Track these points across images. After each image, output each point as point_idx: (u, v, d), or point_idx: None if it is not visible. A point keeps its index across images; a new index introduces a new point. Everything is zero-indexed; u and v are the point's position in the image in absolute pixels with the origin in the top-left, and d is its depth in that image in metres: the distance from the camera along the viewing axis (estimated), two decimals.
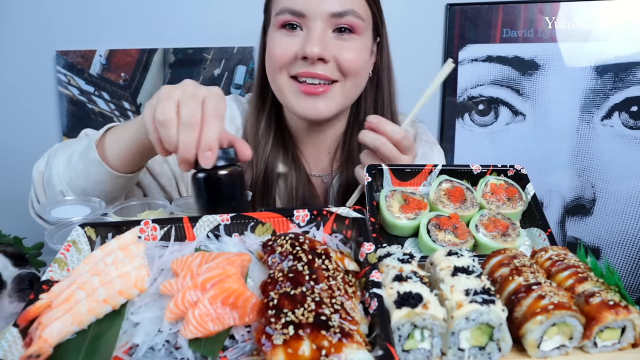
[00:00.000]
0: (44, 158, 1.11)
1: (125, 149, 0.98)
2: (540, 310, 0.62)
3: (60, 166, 1.05)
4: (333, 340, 0.56)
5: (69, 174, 1.03)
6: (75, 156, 1.03)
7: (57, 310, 0.62)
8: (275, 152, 1.25)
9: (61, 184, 1.03)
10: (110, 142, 1.00)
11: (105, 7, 1.86)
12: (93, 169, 1.00)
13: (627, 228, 1.97)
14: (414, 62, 1.97)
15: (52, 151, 1.10)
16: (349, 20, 1.10)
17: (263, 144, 1.24)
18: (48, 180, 1.07)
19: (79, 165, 1.01)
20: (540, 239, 0.89)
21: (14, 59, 1.88)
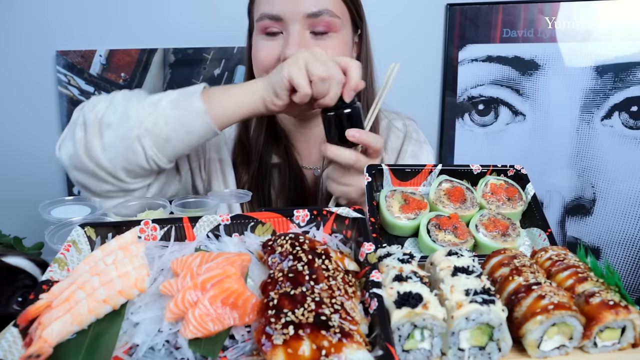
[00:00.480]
0: (102, 102, 1.03)
1: (234, 109, 1.01)
2: (540, 310, 0.62)
3: (141, 109, 0.99)
4: (333, 340, 0.56)
5: (153, 119, 0.98)
6: (165, 104, 0.99)
7: (57, 310, 0.62)
8: (269, 145, 1.31)
9: (140, 128, 0.98)
10: (216, 99, 1.01)
11: (105, 7, 1.86)
12: (192, 118, 0.98)
13: (627, 228, 1.97)
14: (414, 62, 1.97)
15: (116, 98, 1.04)
16: (325, 20, 1.14)
17: (256, 137, 1.30)
18: (117, 123, 0.99)
19: (171, 113, 0.98)
20: (540, 239, 0.89)
21: (14, 59, 1.88)
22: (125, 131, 0.98)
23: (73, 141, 1.01)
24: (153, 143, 0.99)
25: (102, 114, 1.01)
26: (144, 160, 1.00)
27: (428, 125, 2.03)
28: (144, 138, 0.98)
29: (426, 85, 1.99)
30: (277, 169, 1.31)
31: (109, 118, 1.00)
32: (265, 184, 1.29)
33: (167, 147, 1.00)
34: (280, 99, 0.99)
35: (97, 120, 1.00)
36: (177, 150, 1.02)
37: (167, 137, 0.99)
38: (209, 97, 1.00)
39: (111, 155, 0.99)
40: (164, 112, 0.99)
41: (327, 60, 0.97)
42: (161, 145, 1.00)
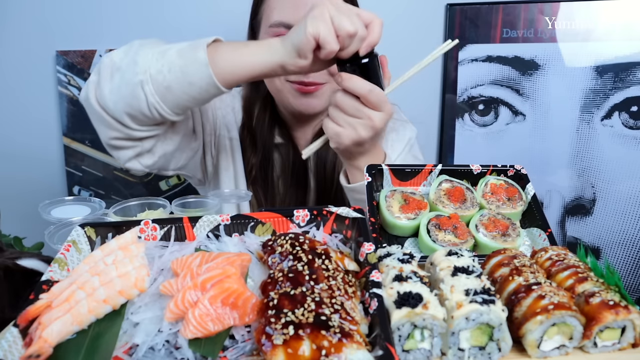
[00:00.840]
0: (122, 48, 1.04)
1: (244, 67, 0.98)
2: (540, 310, 0.62)
3: (149, 56, 0.99)
4: (333, 340, 0.56)
5: (158, 66, 0.97)
6: (172, 52, 0.98)
7: (57, 310, 0.62)
8: (272, 130, 1.36)
9: (145, 74, 0.97)
10: (223, 50, 0.98)
11: (105, 7, 1.85)
12: (194, 68, 0.96)
13: (627, 228, 1.97)
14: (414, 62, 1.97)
15: (134, 45, 1.04)
16: None
17: (261, 125, 1.36)
18: (125, 67, 0.99)
19: (176, 61, 0.97)
20: (540, 239, 0.89)
21: (14, 59, 1.87)
22: (131, 76, 0.98)
23: (88, 85, 1.03)
24: (155, 90, 0.97)
25: (117, 59, 1.01)
26: (145, 107, 0.99)
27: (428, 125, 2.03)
28: (146, 84, 0.97)
29: (426, 85, 1.99)
30: (279, 152, 1.37)
31: (120, 62, 1.00)
32: (268, 167, 1.35)
33: (168, 96, 0.98)
34: (305, 58, 0.94)
35: (111, 64, 1.01)
36: (179, 100, 1.00)
37: (169, 85, 0.97)
38: (216, 50, 0.97)
39: (116, 98, 0.99)
40: (169, 60, 0.97)
41: (352, 13, 0.93)
42: (162, 93, 0.98)
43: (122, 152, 1.09)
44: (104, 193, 1.98)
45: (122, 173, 1.96)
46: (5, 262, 0.93)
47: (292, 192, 1.37)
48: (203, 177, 1.40)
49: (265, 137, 1.35)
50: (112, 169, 1.95)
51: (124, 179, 1.97)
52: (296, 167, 1.37)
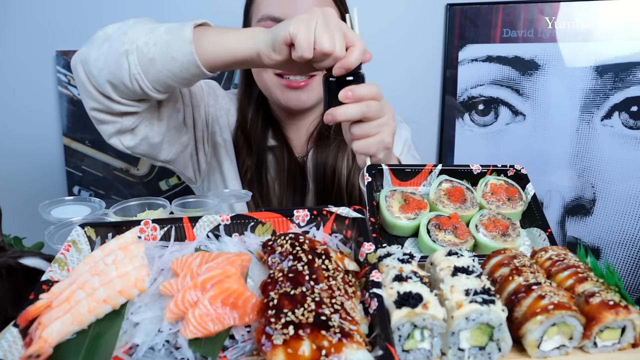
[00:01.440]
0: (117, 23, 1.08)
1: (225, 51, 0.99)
2: (540, 310, 0.62)
3: (140, 30, 1.02)
4: (333, 340, 0.56)
5: (146, 39, 1.00)
6: (162, 28, 1.01)
7: (57, 310, 0.62)
8: (265, 132, 1.37)
9: (131, 44, 0.99)
10: (209, 35, 1.00)
11: (105, 7, 1.85)
12: (178, 44, 0.98)
13: (627, 228, 1.97)
14: (414, 62, 1.97)
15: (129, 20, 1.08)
16: None
17: (254, 125, 1.36)
18: (114, 37, 1.02)
19: (162, 36, 0.99)
20: (540, 239, 0.89)
21: (14, 59, 1.88)
22: (118, 45, 1.00)
23: (79, 52, 1.06)
24: (138, 61, 0.99)
25: (110, 30, 1.04)
26: (127, 77, 1.00)
27: (428, 125, 2.03)
28: (131, 54, 0.99)
29: (426, 85, 1.99)
30: (273, 154, 1.37)
31: (112, 33, 1.03)
32: (263, 169, 1.35)
33: (151, 69, 1.00)
34: (279, 53, 0.94)
35: (103, 35, 1.04)
36: (160, 75, 1.01)
37: (152, 58, 0.99)
38: (203, 31, 1.00)
39: (100, 65, 1.01)
40: (157, 34, 1.00)
41: (337, 32, 0.92)
42: (145, 65, 0.99)
43: (103, 126, 1.11)
44: (104, 193, 1.98)
45: (122, 173, 1.97)
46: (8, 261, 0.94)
47: (289, 194, 1.36)
48: (194, 175, 1.39)
49: (258, 139, 1.36)
50: (112, 169, 1.95)
51: (124, 179, 1.97)
52: (292, 169, 1.37)
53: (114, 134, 1.11)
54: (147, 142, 1.15)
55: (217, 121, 1.39)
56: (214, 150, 1.39)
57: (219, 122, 1.39)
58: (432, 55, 1.96)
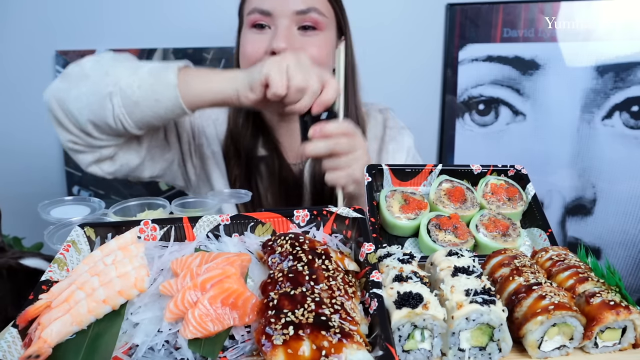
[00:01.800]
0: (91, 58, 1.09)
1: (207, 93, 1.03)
2: (540, 310, 0.62)
3: (121, 70, 1.04)
4: (333, 341, 0.55)
5: (129, 81, 1.02)
6: (144, 70, 1.03)
7: (57, 310, 0.62)
8: (256, 139, 1.35)
9: (115, 86, 1.01)
10: (192, 76, 1.03)
11: (105, 7, 1.85)
12: (162, 88, 1.01)
13: (627, 228, 1.97)
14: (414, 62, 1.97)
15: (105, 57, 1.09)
16: (312, 17, 1.18)
17: (244, 133, 1.34)
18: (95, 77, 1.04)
19: (146, 79, 1.02)
20: (540, 239, 0.89)
21: (14, 58, 1.88)
22: (101, 86, 1.02)
23: (52, 89, 1.06)
24: (122, 103, 1.01)
25: (87, 67, 1.05)
26: (111, 118, 1.02)
27: (428, 126, 2.03)
28: (115, 96, 1.01)
29: (426, 85, 1.99)
30: (265, 163, 1.35)
31: (90, 71, 1.05)
32: (252, 179, 1.33)
33: (135, 111, 1.02)
34: (254, 93, 0.99)
35: (80, 72, 1.05)
36: (144, 116, 1.04)
37: (137, 100, 1.02)
38: (186, 74, 1.03)
39: (81, 106, 1.03)
40: (140, 77, 1.02)
41: (310, 70, 0.99)
42: (130, 107, 1.02)
43: (81, 155, 1.12)
44: (103, 193, 1.98)
45: None
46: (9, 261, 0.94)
47: (282, 203, 1.34)
48: (185, 185, 1.39)
49: (247, 146, 1.33)
50: None
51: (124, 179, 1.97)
52: (284, 177, 1.34)
53: (93, 162, 1.13)
54: (128, 166, 1.17)
55: (203, 132, 1.38)
56: (202, 162, 1.37)
57: (206, 134, 1.38)
58: (432, 55, 1.96)
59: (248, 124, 1.34)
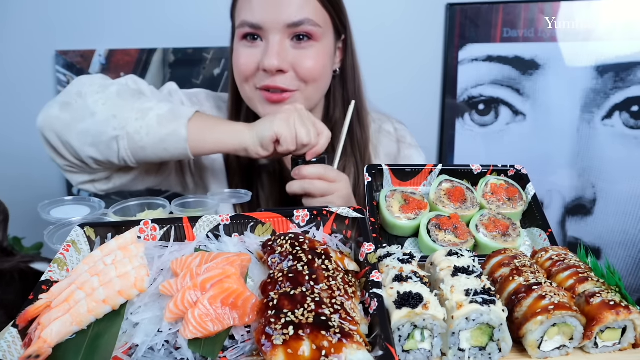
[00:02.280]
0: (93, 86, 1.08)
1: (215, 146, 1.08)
2: (540, 310, 0.62)
3: (128, 112, 1.04)
4: (333, 341, 0.55)
5: (137, 127, 1.03)
6: (153, 115, 1.04)
7: (57, 310, 0.62)
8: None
9: (122, 130, 1.02)
10: (201, 132, 1.06)
11: (105, 7, 1.85)
12: (173, 140, 1.04)
13: (627, 228, 1.97)
14: (414, 62, 1.97)
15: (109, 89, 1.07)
16: (305, 29, 1.15)
17: None
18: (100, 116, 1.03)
19: (155, 128, 1.03)
20: (540, 239, 0.89)
21: (13, 58, 1.88)
22: (108, 129, 1.03)
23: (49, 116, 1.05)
24: (129, 147, 1.04)
25: (90, 103, 1.05)
26: (115, 158, 1.06)
27: (428, 126, 2.03)
28: (122, 140, 1.03)
29: (426, 85, 1.99)
30: (266, 171, 1.34)
31: (95, 108, 1.04)
32: (254, 186, 1.31)
33: (141, 154, 1.06)
34: (266, 150, 1.06)
35: (83, 107, 1.05)
36: (149, 159, 1.08)
37: (144, 146, 1.04)
38: (195, 127, 1.05)
39: (84, 141, 1.04)
40: (149, 124, 1.03)
41: (310, 123, 1.07)
42: (136, 151, 1.05)
43: (75, 176, 1.14)
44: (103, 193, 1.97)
45: None
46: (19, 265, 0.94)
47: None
48: (183, 192, 1.39)
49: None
50: None
51: None
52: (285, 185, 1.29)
53: (87, 182, 1.15)
54: (122, 185, 1.20)
55: None
56: (200, 172, 1.36)
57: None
58: (432, 55, 1.96)
59: None
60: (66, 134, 1.04)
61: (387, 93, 1.80)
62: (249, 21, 1.14)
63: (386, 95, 1.58)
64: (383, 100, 1.49)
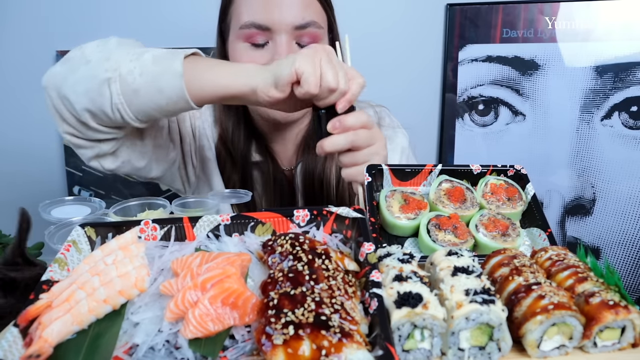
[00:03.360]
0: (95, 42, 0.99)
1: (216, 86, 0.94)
2: (540, 310, 0.62)
3: (123, 55, 0.94)
4: (333, 340, 0.56)
5: (130, 67, 0.93)
6: (148, 56, 0.94)
7: (58, 310, 0.62)
8: (248, 145, 1.29)
9: (114, 72, 0.92)
10: (201, 68, 0.95)
11: (104, 7, 1.86)
12: (167, 77, 0.92)
13: (627, 228, 1.97)
14: (414, 62, 1.97)
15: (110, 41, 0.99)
16: (310, 32, 1.13)
17: (236, 139, 1.29)
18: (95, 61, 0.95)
19: (149, 66, 0.93)
20: (540, 239, 0.89)
21: (13, 58, 1.88)
22: (100, 71, 0.93)
23: (51, 73, 0.98)
24: (121, 90, 0.93)
25: (88, 51, 0.97)
26: (108, 106, 0.94)
27: (428, 126, 2.03)
28: (114, 82, 0.92)
29: (426, 85, 1.99)
30: (259, 169, 1.31)
31: (91, 55, 0.96)
32: (248, 184, 1.29)
33: (135, 100, 0.94)
34: (280, 91, 0.91)
35: (81, 56, 0.97)
36: (145, 107, 0.95)
37: (137, 88, 0.93)
38: (194, 64, 0.94)
39: (79, 91, 0.94)
40: (143, 63, 0.93)
41: (340, 68, 0.92)
42: (129, 95, 0.93)
43: (81, 150, 1.05)
44: (104, 193, 1.98)
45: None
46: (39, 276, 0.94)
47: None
48: (183, 187, 1.35)
49: (242, 153, 1.28)
50: None
51: (124, 179, 1.97)
52: (278, 183, 1.30)
53: (92, 157, 1.05)
54: (130, 164, 1.10)
55: (204, 134, 1.32)
56: (202, 164, 1.31)
57: (207, 135, 1.32)
58: (432, 55, 1.96)
59: (239, 129, 1.29)
60: (63, 85, 0.95)
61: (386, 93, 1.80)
62: (256, 22, 1.11)
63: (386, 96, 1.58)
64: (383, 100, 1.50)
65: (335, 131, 0.93)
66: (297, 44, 1.15)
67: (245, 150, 1.28)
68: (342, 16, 1.28)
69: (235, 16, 1.17)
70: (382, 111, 1.43)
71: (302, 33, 1.13)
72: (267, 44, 1.15)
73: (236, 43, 1.18)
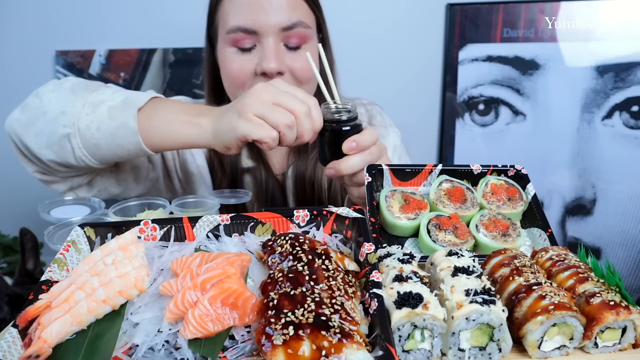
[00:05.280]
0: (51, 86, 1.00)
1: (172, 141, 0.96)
2: (540, 310, 0.62)
3: (79, 107, 0.95)
4: (333, 341, 0.55)
5: (87, 122, 0.94)
6: (104, 108, 0.95)
7: (57, 310, 0.62)
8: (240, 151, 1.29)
9: (72, 127, 0.94)
10: (155, 122, 0.95)
11: (105, 7, 1.85)
12: (123, 133, 0.94)
13: (627, 228, 1.97)
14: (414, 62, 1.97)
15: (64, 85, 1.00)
16: (298, 32, 1.13)
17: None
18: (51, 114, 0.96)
19: (106, 121, 0.94)
20: (540, 239, 0.89)
21: (13, 58, 1.88)
22: (58, 127, 0.95)
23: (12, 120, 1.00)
24: (82, 144, 0.96)
25: (45, 99, 0.98)
26: (72, 158, 0.98)
27: (428, 125, 2.03)
28: (74, 137, 0.95)
29: (426, 85, 1.99)
30: (251, 175, 1.31)
31: (48, 105, 0.97)
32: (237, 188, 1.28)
33: (97, 152, 0.98)
34: (233, 149, 0.93)
35: (39, 105, 0.98)
36: (108, 157, 0.99)
37: (97, 143, 0.96)
38: (149, 118, 0.95)
39: (41, 144, 0.97)
40: (99, 117, 0.95)
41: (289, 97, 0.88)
42: (91, 148, 0.97)
43: (54, 185, 1.07)
44: None
45: None
46: None
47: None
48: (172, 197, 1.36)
49: (232, 158, 1.27)
50: None
51: None
52: (270, 189, 1.29)
53: (66, 191, 1.07)
54: (107, 191, 1.12)
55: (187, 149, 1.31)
56: (187, 177, 1.32)
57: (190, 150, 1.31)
58: (432, 55, 1.96)
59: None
60: (23, 136, 0.98)
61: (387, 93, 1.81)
62: (243, 26, 1.11)
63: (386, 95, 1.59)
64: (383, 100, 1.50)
65: (351, 152, 0.93)
66: (285, 46, 1.15)
67: (236, 156, 1.28)
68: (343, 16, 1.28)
69: (222, 21, 1.17)
70: (373, 109, 1.43)
71: (289, 34, 1.13)
72: (255, 47, 1.15)
73: (224, 48, 1.18)
